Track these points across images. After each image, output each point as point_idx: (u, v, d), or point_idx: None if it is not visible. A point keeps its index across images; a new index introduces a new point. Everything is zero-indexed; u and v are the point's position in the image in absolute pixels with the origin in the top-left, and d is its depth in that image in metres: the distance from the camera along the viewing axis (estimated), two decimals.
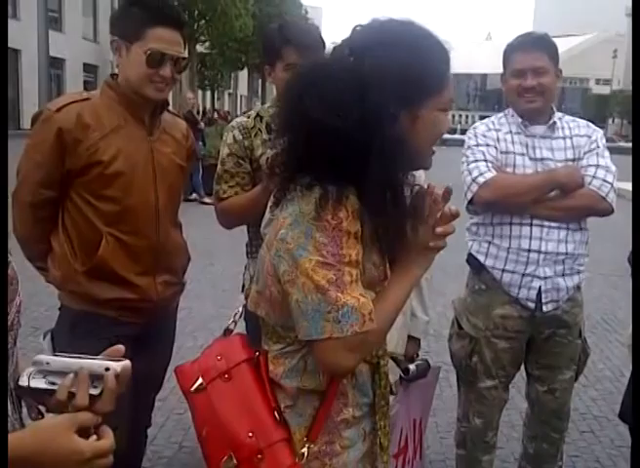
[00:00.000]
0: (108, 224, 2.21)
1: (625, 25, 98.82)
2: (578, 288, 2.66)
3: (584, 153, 2.61)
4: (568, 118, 2.73)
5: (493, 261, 2.62)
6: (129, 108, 2.25)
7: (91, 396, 1.07)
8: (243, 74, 52.81)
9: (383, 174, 1.31)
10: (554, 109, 2.69)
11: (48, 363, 1.11)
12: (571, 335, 2.69)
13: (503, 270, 2.60)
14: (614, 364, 5.01)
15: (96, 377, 1.08)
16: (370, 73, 1.29)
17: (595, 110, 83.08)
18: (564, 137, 2.64)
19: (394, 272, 1.45)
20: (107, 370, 1.08)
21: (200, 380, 1.46)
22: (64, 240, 2.24)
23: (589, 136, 2.65)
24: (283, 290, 1.35)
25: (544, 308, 2.58)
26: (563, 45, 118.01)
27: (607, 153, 2.64)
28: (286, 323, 1.39)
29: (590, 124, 2.75)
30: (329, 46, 1.75)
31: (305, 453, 1.39)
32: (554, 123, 2.64)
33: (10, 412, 1.12)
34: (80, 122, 2.15)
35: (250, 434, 1.38)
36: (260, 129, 2.58)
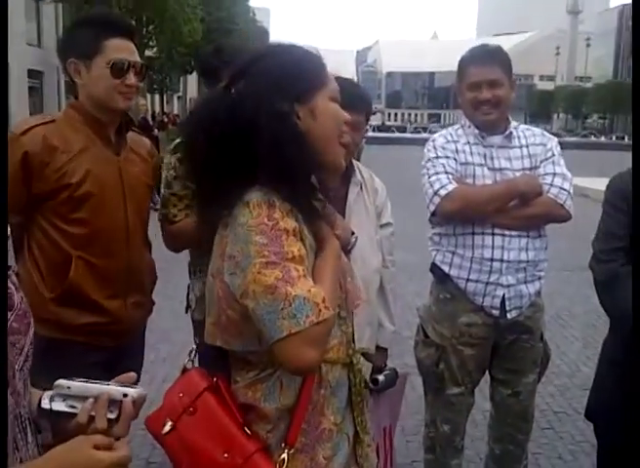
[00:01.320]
0: (78, 247, 2.17)
1: (567, 22, 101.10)
2: (538, 293, 2.72)
3: (541, 161, 2.67)
4: (523, 127, 2.79)
5: (457, 271, 2.66)
6: (94, 128, 2.22)
7: (108, 420, 1.13)
8: (193, 77, 52.43)
9: (294, 162, 1.37)
10: (510, 119, 2.75)
11: (69, 387, 1.17)
12: (533, 340, 2.74)
13: (468, 279, 2.64)
14: (570, 359, 5.14)
15: (112, 402, 1.14)
16: (249, 87, 1.40)
17: (540, 106, 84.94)
18: (520, 147, 2.69)
19: (321, 253, 1.47)
20: (125, 395, 1.15)
21: (169, 422, 1.46)
22: (31, 266, 2.19)
23: (545, 145, 2.71)
24: (241, 308, 1.36)
25: (508, 315, 2.63)
26: (507, 42, 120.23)
27: (562, 161, 2.70)
28: (251, 345, 1.41)
29: (545, 132, 2.82)
30: None
31: (286, 458, 1.41)
32: (510, 133, 2.69)
33: (29, 439, 1.15)
34: (47, 144, 2.11)
35: (225, 455, 1.40)
36: None
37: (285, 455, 1.41)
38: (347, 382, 1.54)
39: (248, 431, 1.42)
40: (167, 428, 1.45)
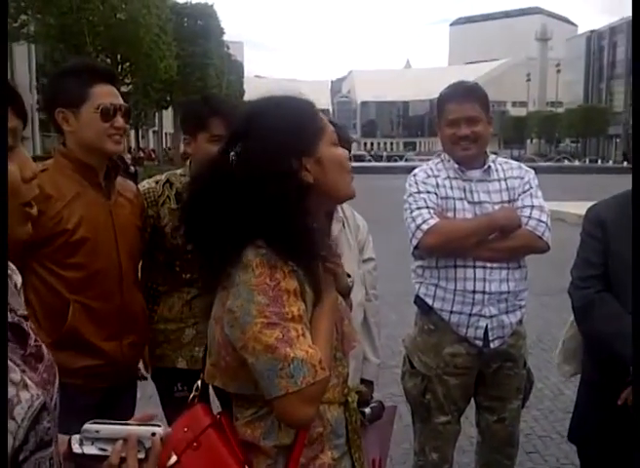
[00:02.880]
0: (74, 291, 2.21)
1: (536, 49, 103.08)
2: (520, 322, 2.80)
3: (519, 194, 2.75)
4: (500, 160, 2.88)
5: (440, 303, 2.72)
6: (85, 174, 2.28)
7: (138, 460, 1.20)
8: (168, 112, 52.62)
9: (299, 222, 1.44)
10: (488, 153, 2.83)
11: (97, 431, 1.22)
12: (517, 367, 2.81)
13: (451, 311, 2.70)
14: (552, 382, 5.20)
15: (139, 442, 1.21)
16: (252, 150, 1.45)
17: (513, 132, 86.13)
18: (499, 180, 2.77)
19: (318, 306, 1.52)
20: (154, 434, 1.21)
21: (173, 456, 1.49)
22: (28, 312, 2.21)
23: (522, 178, 2.79)
24: (239, 357, 1.42)
25: (492, 345, 2.70)
26: (479, 70, 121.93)
27: (539, 193, 2.78)
28: (247, 389, 1.48)
29: (522, 165, 2.90)
30: (251, 78, 1.87)
31: None
32: (489, 167, 2.77)
33: None
34: (41, 194, 2.15)
35: None
36: (168, 196, 2.60)
37: None
38: (344, 420, 1.60)
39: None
40: (172, 461, 1.48)
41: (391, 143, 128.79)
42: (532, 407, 4.68)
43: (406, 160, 53.46)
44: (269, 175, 1.42)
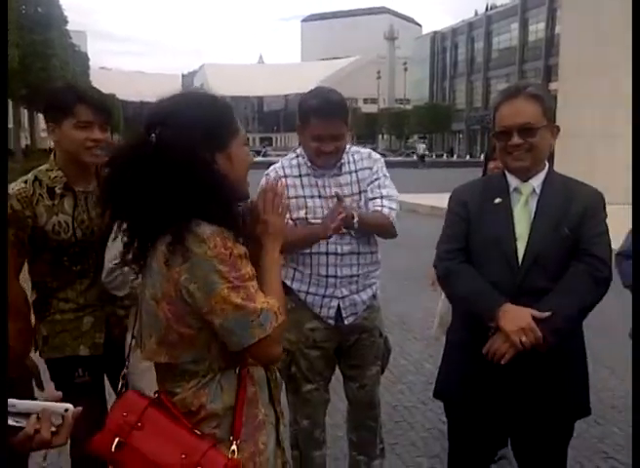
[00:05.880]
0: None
1: (385, 48, 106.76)
2: (373, 296, 3.09)
3: (368, 185, 2.98)
4: (353, 150, 3.04)
5: (298, 285, 2.96)
6: None
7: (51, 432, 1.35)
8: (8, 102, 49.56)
9: (225, 199, 1.62)
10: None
11: (14, 405, 1.35)
12: (373, 337, 3.11)
13: (307, 292, 2.95)
14: (414, 358, 5.63)
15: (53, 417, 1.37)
16: (172, 137, 1.57)
17: (366, 128, 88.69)
18: (350, 172, 2.97)
19: (262, 263, 1.74)
20: (66, 410, 1.39)
21: (117, 439, 1.61)
22: None
23: (371, 168, 3.00)
24: (198, 324, 1.60)
25: (346, 321, 2.99)
26: (332, 67, 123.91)
27: (388, 181, 3.03)
28: (200, 355, 1.65)
29: (372, 153, 3.10)
30: (96, 70, 2.01)
31: (236, 450, 1.64)
32: (342, 162, 2.95)
33: None
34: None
35: (183, 455, 1.59)
36: (41, 194, 2.58)
37: (234, 447, 1.64)
38: (267, 379, 1.82)
39: (198, 432, 1.63)
40: (116, 444, 1.60)
41: (247, 139, 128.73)
42: (397, 381, 5.06)
43: (264, 155, 53.69)
44: (192, 163, 1.57)
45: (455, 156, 69.89)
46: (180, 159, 1.57)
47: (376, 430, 3.24)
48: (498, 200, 2.39)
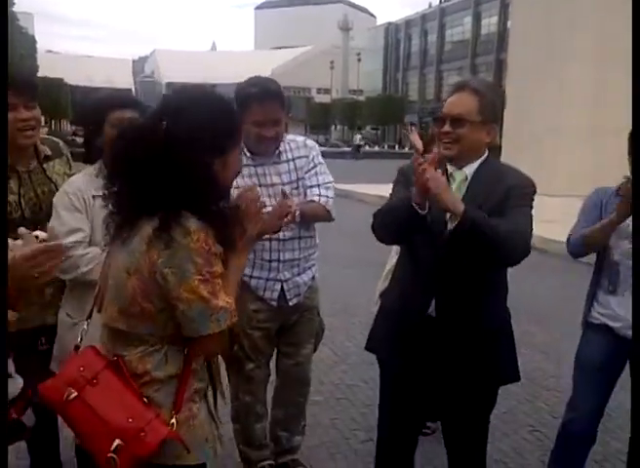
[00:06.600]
0: None
1: (339, 38, 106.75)
2: (313, 278, 3.28)
3: (306, 173, 3.15)
4: (289, 138, 3.17)
5: None
6: None
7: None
8: None
9: (211, 204, 1.79)
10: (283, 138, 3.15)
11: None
12: (311, 314, 3.32)
13: (251, 276, 3.09)
14: (357, 341, 5.79)
15: None
16: (183, 133, 1.72)
17: (319, 118, 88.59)
18: (287, 161, 3.12)
19: (230, 264, 1.88)
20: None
21: (73, 391, 1.75)
22: None
23: (307, 157, 3.16)
24: (167, 304, 1.75)
25: (290, 303, 3.17)
26: (285, 56, 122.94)
27: (323, 168, 3.19)
28: (152, 330, 1.79)
29: (307, 141, 3.25)
30: (43, 53, 2.14)
31: (175, 423, 1.78)
32: (280, 150, 3.10)
33: None
34: None
35: (129, 419, 1.72)
36: None
37: (174, 420, 1.78)
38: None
39: (145, 400, 1.77)
40: (72, 395, 1.74)
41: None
42: (341, 361, 5.28)
43: None
44: (194, 160, 1.72)
45: (406, 148, 70.50)
46: (184, 154, 1.72)
47: (303, 407, 3.45)
48: None
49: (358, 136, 58.36)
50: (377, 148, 66.47)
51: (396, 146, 71.16)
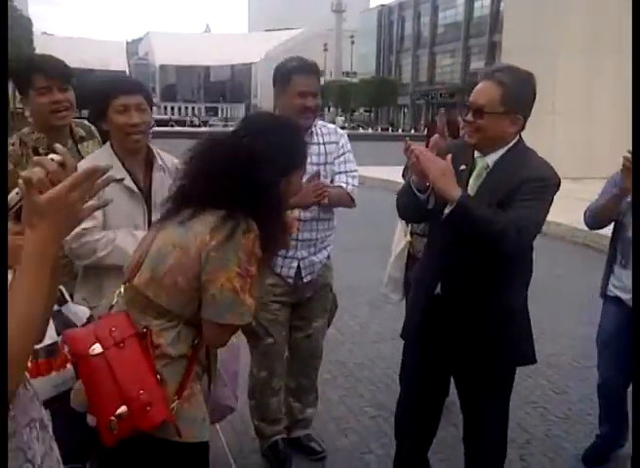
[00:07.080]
0: None
1: (333, 20, 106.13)
2: (328, 257, 3.40)
3: (334, 158, 3.28)
4: (320, 124, 3.31)
5: None
6: None
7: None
8: None
9: (273, 219, 1.94)
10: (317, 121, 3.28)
11: None
12: (324, 291, 3.42)
13: None
14: (362, 320, 5.98)
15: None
16: (262, 151, 1.91)
17: None
18: (318, 144, 3.24)
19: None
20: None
21: (98, 346, 1.82)
22: None
23: (337, 143, 3.31)
24: (199, 284, 1.86)
25: (305, 280, 3.28)
26: (279, 38, 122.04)
27: (351, 156, 3.35)
28: (174, 306, 1.89)
29: (338, 129, 3.39)
30: (38, 35, 2.23)
31: (175, 408, 1.87)
32: (312, 131, 3.22)
33: None
34: None
35: (141, 391, 1.80)
36: (28, 154, 2.82)
37: (175, 405, 1.86)
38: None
39: (159, 378, 1.85)
40: (97, 350, 1.81)
41: (192, 108, 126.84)
42: (346, 341, 5.39)
43: (210, 125, 53.25)
44: (271, 179, 1.92)
45: (400, 130, 70.43)
46: (260, 168, 1.88)
47: (315, 379, 3.56)
48: (463, 167, 2.53)
49: (340, 119, 58.18)
50: (370, 131, 66.32)
51: (389, 129, 71.13)
